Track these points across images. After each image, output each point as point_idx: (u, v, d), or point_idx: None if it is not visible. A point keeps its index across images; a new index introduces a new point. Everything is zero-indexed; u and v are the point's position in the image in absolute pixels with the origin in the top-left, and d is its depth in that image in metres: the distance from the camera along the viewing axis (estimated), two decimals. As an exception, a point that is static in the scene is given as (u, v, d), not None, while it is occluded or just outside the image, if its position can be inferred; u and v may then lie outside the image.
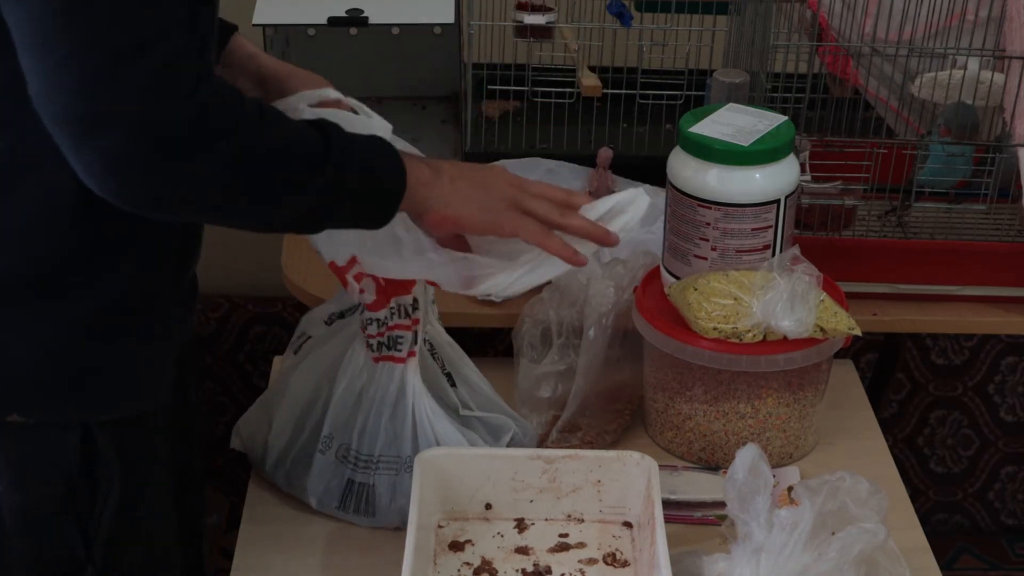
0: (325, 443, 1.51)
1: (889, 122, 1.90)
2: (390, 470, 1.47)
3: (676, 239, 1.61)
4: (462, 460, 1.43)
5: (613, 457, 1.43)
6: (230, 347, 2.41)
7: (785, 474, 1.56)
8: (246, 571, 1.46)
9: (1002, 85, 1.75)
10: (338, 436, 1.50)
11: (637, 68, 2.05)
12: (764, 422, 1.56)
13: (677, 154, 1.59)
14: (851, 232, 1.80)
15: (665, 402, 1.60)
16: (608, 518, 1.45)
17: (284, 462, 1.54)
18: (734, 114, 1.60)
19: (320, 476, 1.50)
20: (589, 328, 1.62)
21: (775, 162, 1.56)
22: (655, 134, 2.10)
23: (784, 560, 1.26)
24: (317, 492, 1.51)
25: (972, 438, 2.68)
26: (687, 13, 2.01)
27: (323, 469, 1.50)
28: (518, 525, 1.44)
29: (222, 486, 2.45)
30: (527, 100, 2.11)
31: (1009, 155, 1.76)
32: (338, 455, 1.50)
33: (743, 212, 1.55)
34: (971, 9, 1.76)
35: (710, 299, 1.52)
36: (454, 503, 1.44)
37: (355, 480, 1.49)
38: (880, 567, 1.32)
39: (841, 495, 1.29)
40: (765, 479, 1.29)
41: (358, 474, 1.49)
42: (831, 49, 1.83)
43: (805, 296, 1.50)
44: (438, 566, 1.39)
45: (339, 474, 1.50)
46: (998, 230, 1.81)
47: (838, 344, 1.55)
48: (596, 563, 1.40)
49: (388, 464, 1.48)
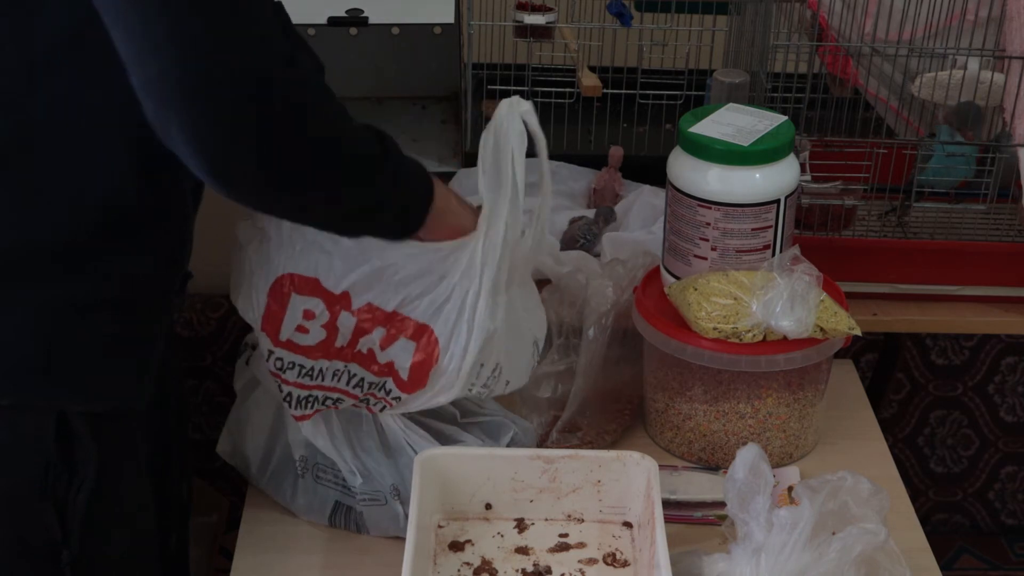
0: (301, 465, 1.49)
1: (889, 122, 1.90)
2: (375, 502, 1.46)
3: (676, 239, 1.61)
4: (462, 460, 1.43)
5: (613, 457, 1.43)
6: (230, 347, 2.41)
7: (785, 474, 1.56)
8: (246, 571, 1.46)
9: (1002, 85, 1.75)
10: (311, 456, 1.48)
11: (637, 68, 2.05)
12: (764, 422, 1.56)
13: (677, 154, 1.59)
14: (851, 232, 1.80)
15: (665, 402, 1.60)
16: (608, 518, 1.45)
17: (265, 473, 1.53)
18: (734, 114, 1.60)
19: (303, 495, 1.49)
20: (589, 328, 1.62)
21: (775, 162, 1.56)
22: (655, 134, 2.10)
23: (784, 560, 1.26)
24: (302, 509, 1.50)
25: (972, 438, 2.68)
26: (687, 13, 2.01)
27: (305, 489, 1.49)
28: (518, 525, 1.44)
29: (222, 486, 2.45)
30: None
31: (1009, 155, 1.76)
32: (315, 476, 1.48)
33: (743, 212, 1.55)
34: (971, 9, 1.76)
35: (710, 299, 1.52)
36: (454, 503, 1.44)
37: (341, 503, 1.48)
38: (880, 567, 1.32)
39: (842, 495, 1.29)
40: (765, 479, 1.29)
41: (345, 498, 1.47)
42: (831, 49, 1.83)
43: (805, 296, 1.50)
44: (438, 566, 1.39)
45: (322, 496, 1.48)
46: (998, 230, 1.81)
47: (838, 344, 1.55)
48: (596, 563, 1.40)
49: (371, 497, 1.46)
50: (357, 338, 1.38)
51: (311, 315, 1.39)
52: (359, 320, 1.37)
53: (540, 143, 1.36)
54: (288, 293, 1.39)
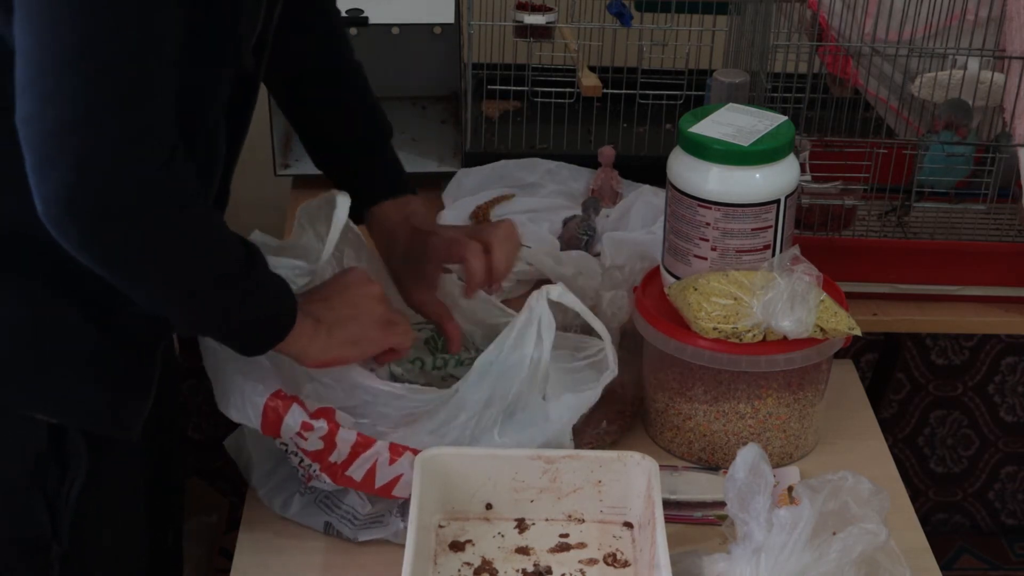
0: (306, 487, 1.49)
1: (889, 122, 1.90)
2: (375, 524, 1.46)
3: (676, 239, 1.61)
4: (463, 460, 1.43)
5: (613, 457, 1.43)
6: (230, 347, 2.41)
7: (785, 474, 1.56)
8: (246, 571, 1.45)
9: (1002, 85, 1.75)
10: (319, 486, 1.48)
11: (637, 68, 2.05)
12: (764, 422, 1.56)
13: (677, 154, 1.59)
14: (851, 232, 1.80)
15: (665, 402, 1.60)
16: (608, 518, 1.45)
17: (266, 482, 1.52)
18: (734, 114, 1.60)
19: (301, 512, 1.49)
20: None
21: (775, 162, 1.56)
22: (655, 134, 2.10)
23: (784, 560, 1.26)
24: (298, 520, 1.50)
25: (972, 438, 2.68)
26: (687, 13, 2.02)
27: (304, 507, 1.49)
28: (518, 525, 1.44)
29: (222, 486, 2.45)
30: (527, 100, 2.11)
31: (1009, 155, 1.76)
32: (318, 502, 1.48)
33: (743, 212, 1.55)
34: (971, 9, 1.76)
35: (710, 299, 1.52)
36: (454, 503, 1.44)
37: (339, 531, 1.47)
38: (880, 567, 1.32)
39: (843, 495, 1.29)
40: (765, 479, 1.29)
41: (344, 528, 1.47)
42: (831, 49, 1.83)
43: (805, 296, 1.50)
44: (438, 566, 1.39)
45: (319, 518, 1.48)
46: (998, 230, 1.81)
47: (838, 344, 1.55)
48: (596, 563, 1.40)
49: (373, 520, 1.46)
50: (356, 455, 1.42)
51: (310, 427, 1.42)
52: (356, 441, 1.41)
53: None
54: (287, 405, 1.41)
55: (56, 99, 1.10)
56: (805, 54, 1.82)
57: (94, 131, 1.10)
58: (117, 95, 1.11)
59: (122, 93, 1.11)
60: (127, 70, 1.11)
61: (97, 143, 1.11)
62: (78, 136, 1.10)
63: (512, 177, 2.01)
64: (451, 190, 2.00)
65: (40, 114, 1.10)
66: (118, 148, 1.11)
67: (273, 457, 1.51)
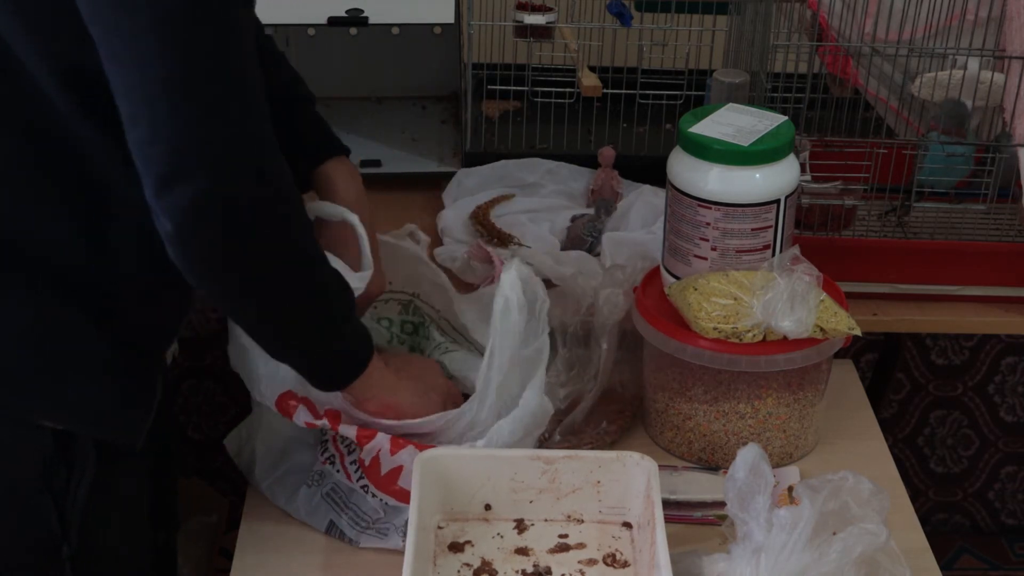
0: (314, 479, 1.50)
1: (889, 122, 1.90)
2: (380, 534, 1.46)
3: (676, 239, 1.61)
4: (462, 460, 1.43)
5: (613, 457, 1.43)
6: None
7: (785, 474, 1.56)
8: (246, 571, 1.45)
9: (1002, 85, 1.75)
10: (330, 477, 1.49)
11: (637, 68, 2.05)
12: (764, 422, 1.56)
13: (677, 154, 1.59)
14: (851, 232, 1.80)
15: (665, 402, 1.60)
16: (608, 518, 1.45)
17: (268, 477, 1.53)
18: (734, 114, 1.60)
19: (304, 506, 1.49)
20: (602, 338, 1.62)
21: (775, 162, 1.56)
22: (655, 134, 2.10)
23: (784, 560, 1.26)
24: (301, 515, 1.50)
25: (972, 438, 2.68)
26: (687, 13, 2.02)
27: (306, 500, 1.49)
28: (518, 526, 1.44)
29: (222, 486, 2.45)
30: (527, 100, 2.11)
31: (1009, 155, 1.76)
32: (325, 495, 1.49)
33: (743, 212, 1.55)
34: (971, 9, 1.76)
35: (710, 299, 1.52)
36: (454, 504, 1.44)
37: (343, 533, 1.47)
38: (881, 567, 1.32)
39: (843, 495, 1.29)
40: (765, 479, 1.29)
41: (347, 530, 1.47)
42: (831, 49, 1.83)
43: (805, 296, 1.50)
44: (438, 567, 1.39)
45: (323, 515, 1.48)
46: (998, 230, 1.81)
47: (838, 344, 1.55)
48: (596, 564, 1.40)
49: (379, 530, 1.46)
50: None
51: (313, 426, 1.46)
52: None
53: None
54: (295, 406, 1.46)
55: (172, 122, 1.15)
56: (805, 54, 1.82)
57: (220, 138, 1.17)
58: (225, 99, 1.17)
59: (228, 97, 1.17)
60: (226, 77, 1.17)
61: (224, 148, 1.17)
62: (206, 146, 1.16)
63: (512, 177, 2.01)
64: (451, 190, 2.00)
65: (161, 137, 1.16)
66: (241, 147, 1.18)
67: (279, 450, 1.52)
